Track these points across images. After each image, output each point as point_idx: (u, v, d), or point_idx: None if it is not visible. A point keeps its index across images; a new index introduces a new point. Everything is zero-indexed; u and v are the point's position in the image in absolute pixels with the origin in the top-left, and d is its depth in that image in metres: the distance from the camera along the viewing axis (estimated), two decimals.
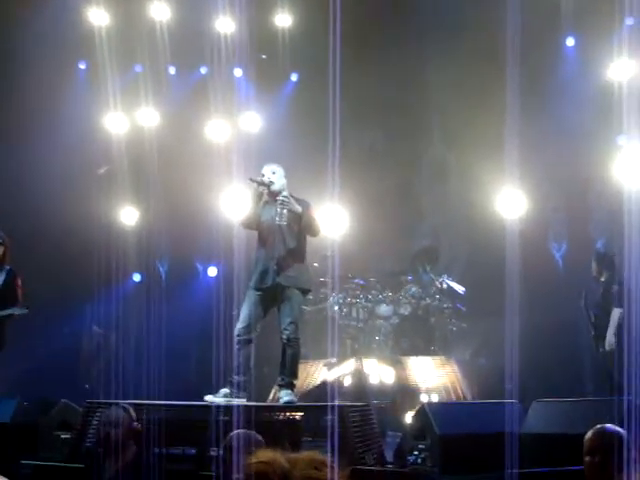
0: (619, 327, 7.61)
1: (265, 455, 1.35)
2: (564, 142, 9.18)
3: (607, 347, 7.65)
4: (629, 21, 7.95)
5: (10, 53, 9.49)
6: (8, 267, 7.21)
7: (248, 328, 6.16)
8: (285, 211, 6.14)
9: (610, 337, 7.62)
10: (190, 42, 10.18)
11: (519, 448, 5.00)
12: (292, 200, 6.21)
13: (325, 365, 8.33)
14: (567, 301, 8.85)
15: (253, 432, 4.36)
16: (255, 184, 6.31)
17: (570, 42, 9.77)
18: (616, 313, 7.64)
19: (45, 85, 9.69)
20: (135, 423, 4.90)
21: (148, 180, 9.85)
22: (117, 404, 5.10)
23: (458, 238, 9.76)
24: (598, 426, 3.80)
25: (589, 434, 3.78)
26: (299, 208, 6.19)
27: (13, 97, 9.57)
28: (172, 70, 10.70)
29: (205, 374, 7.07)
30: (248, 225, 6.41)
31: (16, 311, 7.07)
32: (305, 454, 1.33)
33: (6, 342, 7.18)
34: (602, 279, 7.90)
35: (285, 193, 6.21)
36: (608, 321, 7.64)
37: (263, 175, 6.38)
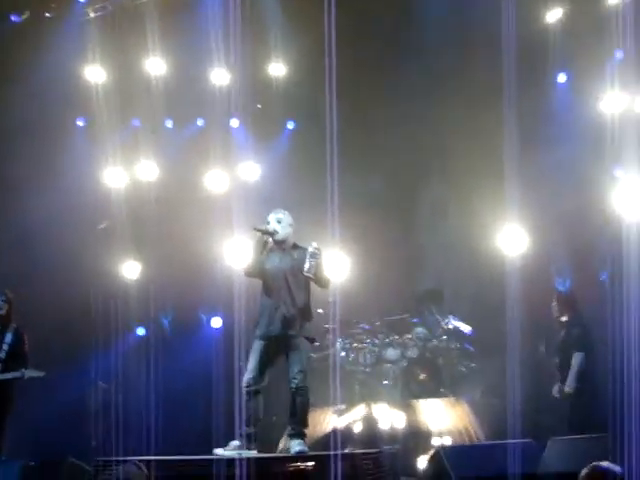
0: (581, 372, 7.62)
1: None
2: (562, 176, 9.21)
3: (567, 389, 7.65)
4: (619, 54, 8.05)
5: (8, 111, 9.57)
6: (14, 325, 7.19)
7: (256, 378, 6.10)
8: (314, 263, 6.07)
9: (571, 381, 7.61)
10: (186, 95, 10.29)
11: None
12: (320, 252, 6.12)
13: (334, 412, 8.23)
14: None
15: None
16: (259, 233, 6.31)
17: (562, 78, 9.88)
18: (577, 357, 7.64)
19: (44, 142, 9.77)
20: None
21: (149, 233, 9.87)
22: (129, 461, 5.04)
23: (462, 278, 9.73)
24: (593, 464, 3.81)
25: (584, 472, 3.79)
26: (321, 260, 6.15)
27: (12, 155, 9.63)
28: (169, 123, 10.79)
29: (213, 427, 6.99)
30: (251, 273, 6.39)
31: (32, 373, 7.01)
32: None
33: (14, 403, 7.12)
34: (563, 319, 7.95)
35: (315, 245, 6.14)
36: (568, 364, 7.65)
37: (269, 223, 6.38)
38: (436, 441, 7.92)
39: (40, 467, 6.14)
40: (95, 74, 10.21)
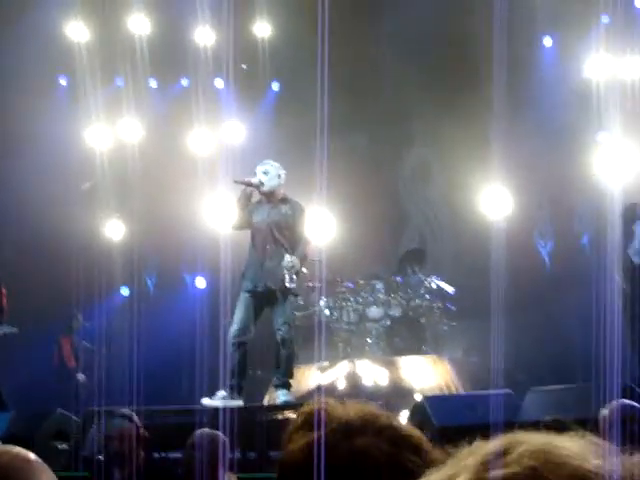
0: None
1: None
2: (545, 140, 9.28)
3: None
4: (604, 19, 8.09)
5: None
6: None
7: (242, 330, 6.16)
8: (293, 276, 6.04)
9: None
10: (170, 54, 10.23)
11: None
12: (297, 263, 6.08)
13: (318, 369, 8.32)
14: (554, 296, 8.92)
15: (218, 432, 4.37)
16: (243, 186, 6.32)
17: (548, 42, 9.90)
18: None
19: (26, 101, 9.67)
20: (142, 430, 4.88)
21: (133, 193, 9.84)
22: (119, 413, 5.07)
23: (444, 238, 9.81)
24: (614, 402, 3.86)
25: (606, 410, 3.83)
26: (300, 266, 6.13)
27: None
28: (153, 83, 10.72)
29: (198, 380, 7.03)
30: (240, 227, 6.41)
31: (6, 329, 6.99)
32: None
33: None
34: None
35: (289, 258, 6.06)
36: None
37: (255, 175, 6.38)
38: (418, 397, 8.02)
39: (28, 418, 6.17)
40: (78, 32, 10.11)
